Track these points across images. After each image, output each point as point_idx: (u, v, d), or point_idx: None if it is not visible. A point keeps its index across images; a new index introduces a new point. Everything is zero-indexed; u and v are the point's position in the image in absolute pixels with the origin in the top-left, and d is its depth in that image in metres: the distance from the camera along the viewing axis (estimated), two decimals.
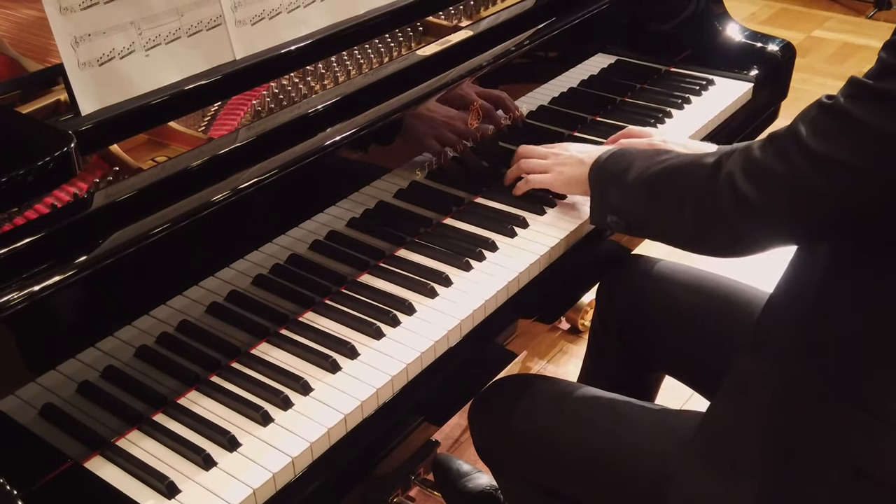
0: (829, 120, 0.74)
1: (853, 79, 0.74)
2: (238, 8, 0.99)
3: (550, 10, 1.30)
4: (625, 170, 0.97)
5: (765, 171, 0.78)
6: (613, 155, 1.03)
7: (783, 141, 0.78)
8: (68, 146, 0.77)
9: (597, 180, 1.05)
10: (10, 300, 0.74)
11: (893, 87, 0.69)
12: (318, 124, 0.99)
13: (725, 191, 0.81)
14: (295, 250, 1.01)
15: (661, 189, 0.91)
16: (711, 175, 0.84)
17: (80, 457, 0.82)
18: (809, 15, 3.98)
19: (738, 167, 0.81)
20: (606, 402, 1.05)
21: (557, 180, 1.13)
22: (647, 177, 0.93)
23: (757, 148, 0.80)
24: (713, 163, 0.85)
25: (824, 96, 0.77)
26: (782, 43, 1.61)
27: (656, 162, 0.94)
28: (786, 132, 0.78)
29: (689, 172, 0.88)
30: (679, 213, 0.89)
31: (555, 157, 1.15)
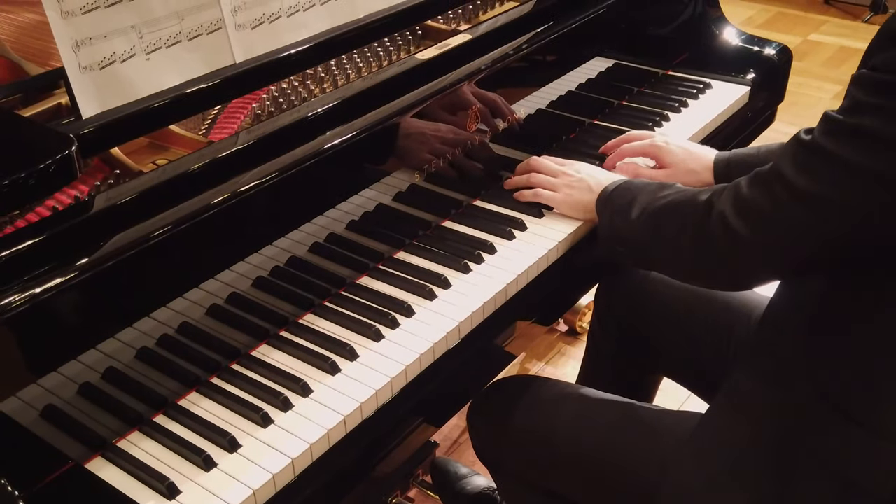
0: (808, 156, 0.76)
1: (827, 115, 0.76)
2: (238, 12, 1.00)
3: (548, 15, 1.31)
4: (630, 203, 1.00)
5: (753, 208, 0.81)
6: (620, 187, 1.06)
7: (768, 178, 0.80)
8: (69, 149, 0.77)
9: (604, 211, 1.06)
10: (11, 302, 0.75)
11: (864, 123, 0.71)
12: (318, 127, 1.00)
13: (718, 229, 0.84)
14: (295, 253, 1.01)
15: (661, 226, 0.94)
16: (704, 213, 0.86)
17: (81, 458, 0.83)
18: (806, 19, 4.00)
19: (728, 205, 0.83)
20: (604, 403, 1.06)
21: (565, 202, 1.14)
22: (649, 213, 0.96)
23: (744, 185, 0.83)
24: (705, 201, 0.88)
25: (802, 131, 0.79)
26: (779, 47, 1.62)
27: (657, 198, 0.97)
28: (770, 170, 0.81)
29: (685, 210, 0.91)
30: (678, 250, 0.92)
31: (565, 178, 1.15)
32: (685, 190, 0.96)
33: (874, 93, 0.71)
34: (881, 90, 0.70)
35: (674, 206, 0.94)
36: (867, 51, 0.75)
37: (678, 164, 1.21)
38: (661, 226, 0.94)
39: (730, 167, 1.18)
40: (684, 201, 0.92)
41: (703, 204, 0.88)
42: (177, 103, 0.95)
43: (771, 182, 0.80)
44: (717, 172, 1.19)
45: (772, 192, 0.79)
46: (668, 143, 1.23)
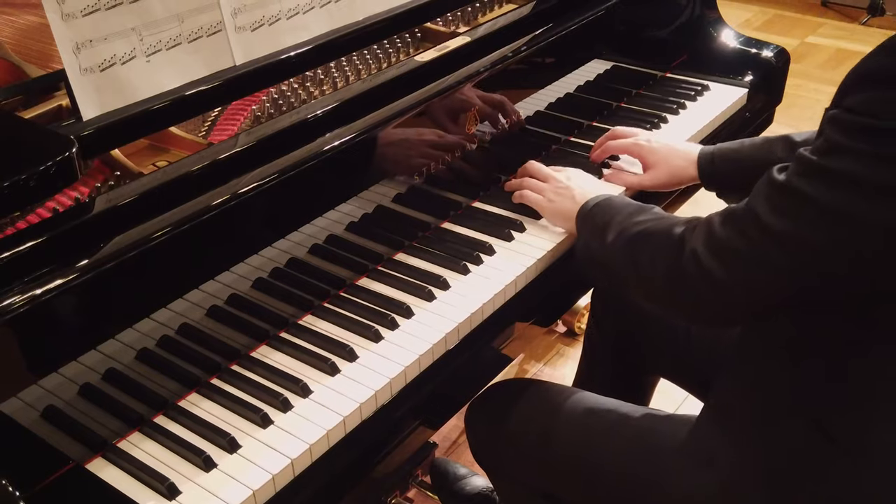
0: (783, 197, 0.75)
1: (802, 156, 0.75)
2: (238, 14, 1.00)
3: (547, 17, 1.31)
4: (606, 225, 0.98)
5: (727, 248, 0.79)
6: (599, 205, 1.04)
7: (742, 219, 0.79)
8: (70, 151, 0.78)
9: (582, 228, 1.05)
10: (12, 303, 0.75)
11: (838, 165, 0.71)
12: (318, 129, 1.00)
13: (691, 267, 0.82)
14: (294, 254, 1.01)
15: (636, 256, 0.92)
16: (677, 250, 0.85)
17: (81, 458, 0.83)
18: (804, 21, 4.01)
19: (701, 244, 0.82)
20: (601, 406, 1.06)
21: (546, 208, 1.14)
22: (624, 239, 0.94)
23: (717, 224, 0.82)
24: (678, 237, 0.86)
25: (775, 169, 0.78)
26: (777, 49, 1.62)
27: (633, 223, 0.95)
28: (744, 210, 0.79)
29: (658, 243, 0.89)
30: (652, 282, 0.90)
31: (554, 183, 1.15)
32: (661, 218, 0.94)
33: (850, 136, 0.70)
34: (857, 134, 0.69)
35: (648, 236, 0.92)
36: (841, 87, 0.73)
37: (660, 163, 1.21)
38: (636, 256, 0.92)
39: (714, 162, 1.18)
40: (658, 233, 0.90)
41: (676, 239, 0.86)
42: (177, 105, 0.95)
43: (745, 222, 0.78)
44: (701, 167, 1.19)
45: (746, 233, 0.78)
46: (650, 141, 1.24)
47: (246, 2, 1.00)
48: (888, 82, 0.68)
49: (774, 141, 1.16)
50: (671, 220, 0.92)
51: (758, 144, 1.17)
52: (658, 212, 0.97)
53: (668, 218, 0.93)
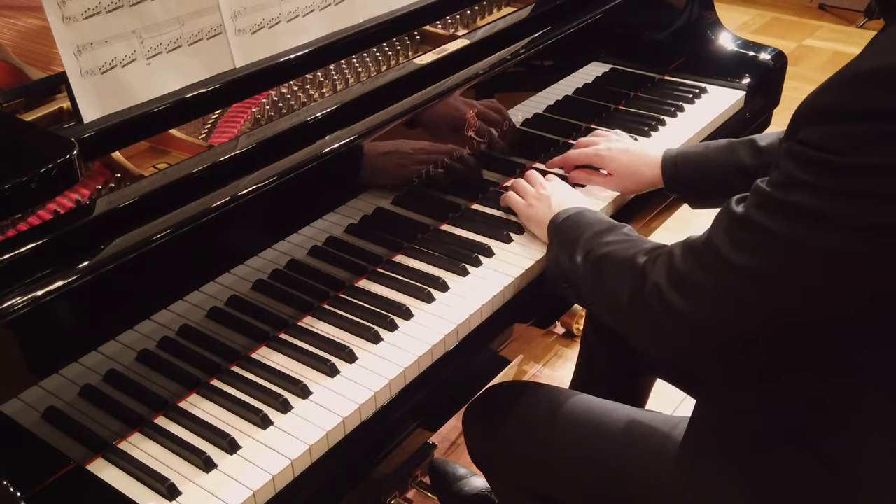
0: (743, 231, 0.75)
1: (758, 188, 0.74)
2: (238, 17, 1.01)
3: (546, 20, 1.32)
4: (575, 241, 0.98)
5: (689, 282, 0.79)
6: (570, 218, 1.04)
7: (703, 253, 0.78)
8: (71, 153, 0.78)
9: (552, 240, 1.05)
10: (13, 305, 0.75)
11: (796, 199, 0.70)
12: (317, 132, 1.00)
13: (653, 301, 0.81)
14: (294, 256, 1.02)
15: (602, 280, 0.92)
16: (640, 281, 0.84)
17: (82, 459, 0.83)
18: (801, 24, 4.02)
19: (663, 277, 0.81)
20: (598, 408, 1.06)
21: (523, 212, 1.15)
22: (591, 260, 0.94)
23: (678, 256, 0.81)
24: (640, 268, 0.85)
25: (734, 200, 0.77)
26: (774, 52, 1.63)
27: (598, 245, 0.94)
28: (704, 244, 0.78)
29: (623, 271, 0.88)
30: (619, 310, 0.89)
31: (538, 189, 1.15)
32: (626, 241, 0.93)
33: (805, 170, 0.69)
34: (814, 168, 0.69)
35: (612, 263, 0.91)
36: (794, 118, 0.73)
37: (621, 170, 1.21)
38: (601, 281, 0.92)
39: (677, 166, 1.19)
40: (622, 261, 0.89)
41: (638, 270, 0.85)
42: (177, 108, 0.95)
43: (706, 256, 0.77)
44: (664, 171, 1.19)
45: (707, 267, 0.77)
46: (610, 149, 1.23)
47: (246, 4, 1.01)
48: (841, 118, 0.67)
49: (738, 144, 1.16)
50: (636, 246, 0.90)
51: (722, 148, 1.17)
52: (626, 233, 0.96)
53: (633, 242, 0.92)
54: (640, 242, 0.92)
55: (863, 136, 0.66)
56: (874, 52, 0.69)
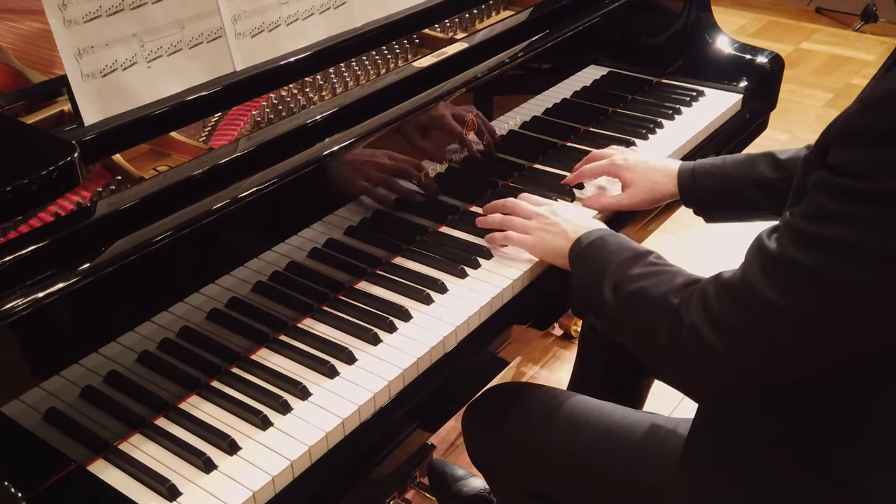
0: (780, 269, 0.72)
1: (791, 224, 0.72)
2: (238, 20, 1.01)
3: (544, 24, 1.32)
4: (602, 272, 0.93)
5: (728, 322, 0.76)
6: (594, 244, 0.99)
7: (739, 293, 0.75)
8: (72, 156, 0.78)
9: (576, 268, 1.00)
10: (14, 306, 0.76)
11: (833, 234, 0.68)
12: (317, 134, 1.01)
13: (691, 343, 0.78)
14: (294, 258, 1.02)
15: (635, 322, 0.88)
16: (676, 324, 0.80)
17: (83, 460, 0.84)
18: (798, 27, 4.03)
19: (700, 318, 0.78)
20: (597, 410, 1.06)
21: (538, 246, 1.08)
22: (621, 297, 0.90)
23: (714, 296, 0.78)
24: (675, 309, 0.81)
25: (765, 234, 0.75)
26: (771, 55, 1.64)
27: (629, 277, 0.90)
28: (739, 283, 0.76)
29: (657, 311, 0.84)
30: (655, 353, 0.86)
31: (540, 220, 1.08)
32: (656, 274, 0.89)
33: (841, 200, 0.67)
34: (848, 198, 0.66)
35: (646, 301, 0.87)
36: (821, 142, 0.70)
37: (639, 180, 1.19)
38: (636, 322, 0.88)
39: (695, 178, 1.16)
40: (657, 300, 0.85)
41: (674, 310, 0.81)
42: (177, 110, 0.95)
43: (743, 296, 0.75)
44: (681, 183, 1.17)
45: (745, 307, 0.74)
46: (627, 159, 1.20)
47: (246, 8, 1.01)
48: (875, 141, 0.64)
49: (757, 158, 1.14)
50: (667, 281, 0.86)
51: (740, 161, 1.15)
52: (654, 261, 0.92)
53: (664, 276, 0.88)
54: (670, 276, 0.87)
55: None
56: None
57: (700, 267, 1.04)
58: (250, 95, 1.04)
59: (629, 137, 1.41)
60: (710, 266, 1.01)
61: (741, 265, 0.77)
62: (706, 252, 2.28)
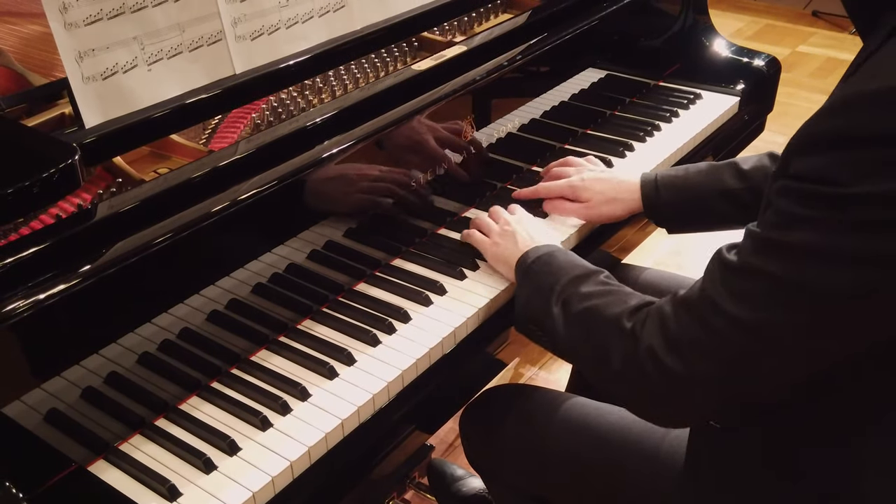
0: (742, 281, 0.69)
1: (753, 233, 0.69)
2: (238, 24, 1.02)
3: (542, 26, 1.33)
4: (549, 289, 0.91)
5: (688, 342, 0.72)
6: (540, 260, 0.97)
7: (698, 309, 0.72)
8: (72, 158, 0.79)
9: (522, 282, 0.98)
10: (15, 308, 0.76)
11: (801, 238, 0.65)
12: (316, 137, 1.01)
13: (649, 366, 0.75)
14: (293, 260, 1.03)
15: (587, 343, 0.85)
16: (632, 346, 0.77)
17: (83, 460, 0.84)
18: (794, 31, 4.05)
19: (658, 339, 0.74)
20: (594, 411, 1.06)
21: (490, 250, 1.08)
22: (573, 315, 0.87)
23: (671, 315, 0.75)
24: (629, 331, 0.78)
25: (724, 249, 0.72)
26: (768, 58, 1.65)
27: (577, 296, 0.88)
28: (699, 299, 0.72)
29: (609, 333, 0.81)
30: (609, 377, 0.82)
31: (502, 225, 1.09)
32: (607, 293, 0.86)
33: (805, 205, 0.65)
34: (817, 202, 0.64)
35: (597, 321, 0.84)
36: (785, 154, 0.67)
37: (595, 197, 1.17)
38: (587, 342, 0.85)
39: (658, 190, 1.14)
40: (609, 321, 0.82)
41: (628, 332, 0.78)
42: (178, 113, 0.96)
43: (703, 312, 0.71)
44: (645, 195, 1.15)
45: (705, 323, 0.71)
46: (584, 180, 1.18)
47: (246, 11, 1.02)
48: (843, 144, 0.62)
49: (721, 168, 1.12)
50: (618, 302, 0.84)
51: (703, 171, 1.13)
52: (604, 280, 0.90)
53: (615, 296, 0.85)
54: (623, 297, 0.85)
55: (865, 163, 0.61)
56: (869, 75, 0.64)
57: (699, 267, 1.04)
58: (250, 98, 1.05)
59: (627, 140, 1.42)
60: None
61: (698, 280, 0.74)
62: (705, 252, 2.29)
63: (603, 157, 1.36)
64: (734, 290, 0.70)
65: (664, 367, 0.74)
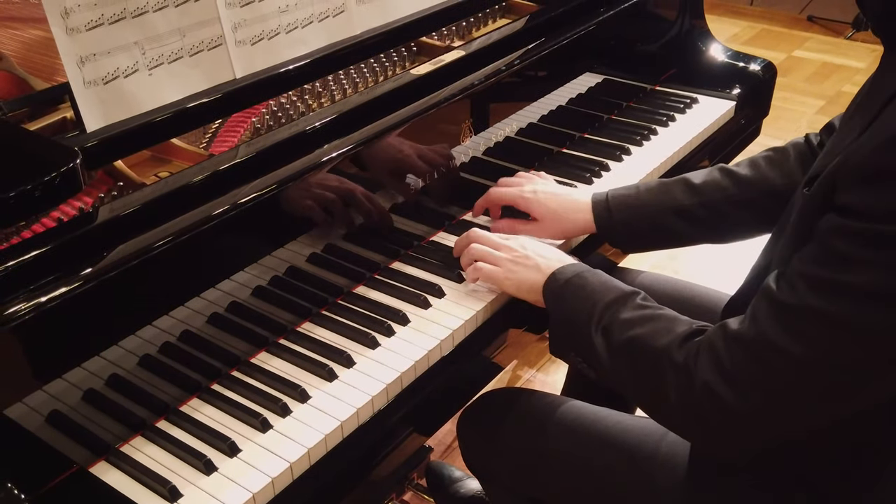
0: (799, 320, 0.70)
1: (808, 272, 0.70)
2: (238, 28, 1.02)
3: (540, 32, 1.34)
4: (588, 316, 0.90)
5: (744, 378, 0.73)
6: (571, 283, 0.95)
7: (753, 346, 0.73)
8: (74, 162, 0.79)
9: (555, 308, 0.96)
10: (18, 311, 0.76)
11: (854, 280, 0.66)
12: (316, 141, 1.02)
13: (706, 402, 0.76)
14: (293, 263, 1.03)
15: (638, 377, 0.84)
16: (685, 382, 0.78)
17: (85, 462, 0.84)
18: (790, 35, 4.07)
19: (714, 375, 0.75)
20: (590, 415, 1.07)
21: (508, 280, 1.03)
22: (616, 346, 0.87)
23: (724, 351, 0.75)
24: (682, 366, 0.78)
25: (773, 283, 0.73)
26: (764, 62, 1.66)
27: (619, 324, 0.86)
28: (756, 340, 0.73)
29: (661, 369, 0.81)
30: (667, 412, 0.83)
31: (509, 252, 1.04)
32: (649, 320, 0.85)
33: (863, 244, 0.65)
34: (870, 241, 0.64)
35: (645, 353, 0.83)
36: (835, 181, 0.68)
37: (547, 215, 1.14)
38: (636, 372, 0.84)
39: (610, 209, 1.12)
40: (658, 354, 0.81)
41: (681, 367, 0.78)
42: (178, 117, 0.97)
43: (757, 349, 0.72)
44: (597, 215, 1.13)
45: (761, 360, 0.72)
46: (536, 192, 1.15)
47: (246, 16, 1.03)
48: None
49: (671, 185, 1.11)
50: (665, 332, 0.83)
51: (654, 189, 1.12)
52: (643, 304, 0.88)
53: (660, 325, 0.84)
54: (667, 324, 0.84)
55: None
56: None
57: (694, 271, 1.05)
58: (250, 102, 1.05)
59: (624, 144, 1.43)
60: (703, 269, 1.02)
61: (748, 315, 0.75)
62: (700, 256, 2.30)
63: (600, 161, 1.37)
64: (790, 328, 0.70)
65: (723, 402, 0.74)
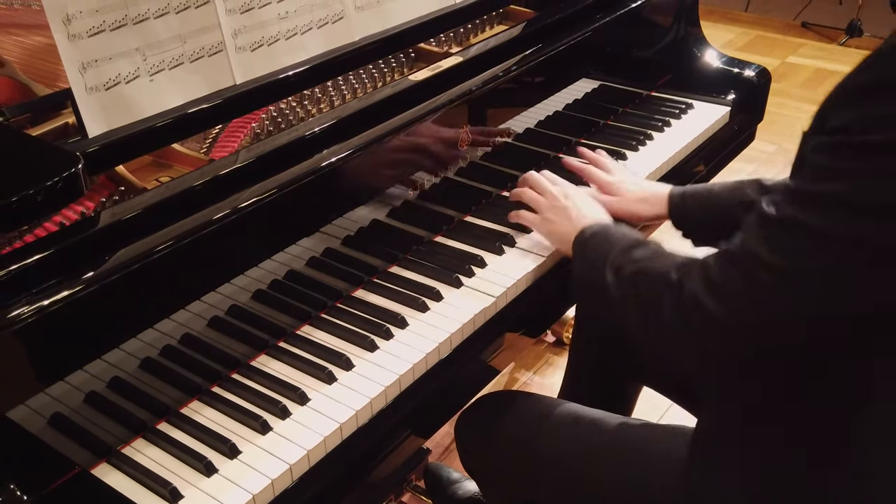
0: (778, 231, 0.73)
1: (789, 186, 0.73)
2: (238, 35, 1.03)
3: (537, 38, 1.35)
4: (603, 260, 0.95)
5: (728, 289, 0.77)
6: (598, 235, 1.01)
7: (739, 260, 0.77)
8: (76, 167, 0.80)
9: (579, 256, 1.02)
10: (20, 314, 0.77)
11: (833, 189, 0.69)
12: (315, 146, 1.03)
13: (692, 311, 0.79)
14: (293, 266, 1.04)
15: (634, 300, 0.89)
16: (676, 295, 0.82)
17: (87, 464, 0.85)
18: (784, 42, 4.09)
19: (701, 287, 0.79)
20: (587, 417, 1.08)
21: (542, 227, 1.13)
22: (621, 279, 0.91)
23: (714, 266, 0.79)
24: (675, 281, 0.83)
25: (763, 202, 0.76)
26: (758, 68, 1.67)
27: (630, 260, 0.92)
28: (741, 252, 0.77)
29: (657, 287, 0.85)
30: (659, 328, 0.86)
31: (551, 200, 1.12)
32: (656, 256, 0.90)
33: (838, 156, 0.68)
34: (844, 152, 0.67)
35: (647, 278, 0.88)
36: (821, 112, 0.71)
37: (628, 195, 1.21)
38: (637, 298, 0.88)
39: (685, 201, 1.18)
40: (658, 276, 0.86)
41: (675, 282, 0.83)
42: (179, 123, 0.97)
43: (742, 262, 0.76)
44: (672, 204, 1.18)
45: (745, 272, 0.75)
46: (623, 182, 1.23)
47: (246, 23, 1.03)
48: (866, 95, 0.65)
49: (745, 183, 1.15)
50: (667, 260, 0.88)
51: (728, 186, 1.16)
52: (654, 248, 0.93)
53: (664, 257, 0.90)
54: (670, 256, 0.89)
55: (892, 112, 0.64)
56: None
57: None
58: (250, 108, 1.06)
59: (620, 149, 1.44)
60: None
61: (739, 233, 0.79)
62: None
63: None
64: (770, 240, 0.74)
65: (707, 311, 0.78)
